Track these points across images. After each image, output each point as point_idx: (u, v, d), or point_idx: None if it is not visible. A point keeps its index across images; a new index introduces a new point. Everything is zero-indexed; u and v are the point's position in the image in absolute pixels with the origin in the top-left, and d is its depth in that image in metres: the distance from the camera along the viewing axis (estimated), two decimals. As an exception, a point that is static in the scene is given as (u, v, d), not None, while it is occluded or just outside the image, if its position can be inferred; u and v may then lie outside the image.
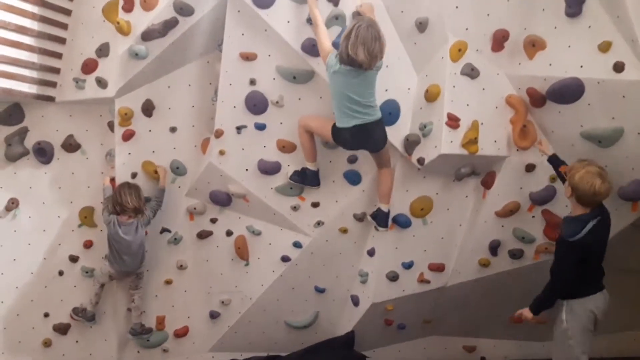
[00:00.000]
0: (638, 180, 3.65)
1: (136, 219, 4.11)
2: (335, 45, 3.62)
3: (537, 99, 3.77)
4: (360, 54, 3.38)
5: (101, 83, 4.09)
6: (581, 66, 3.55)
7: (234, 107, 4.03)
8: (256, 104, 4.02)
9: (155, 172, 4.25)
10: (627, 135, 3.53)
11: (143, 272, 4.34)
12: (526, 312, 3.49)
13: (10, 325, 4.36)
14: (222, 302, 4.47)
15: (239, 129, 4.07)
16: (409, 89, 3.98)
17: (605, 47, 3.48)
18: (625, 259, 3.93)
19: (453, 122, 3.78)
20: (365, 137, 3.69)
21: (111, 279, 4.30)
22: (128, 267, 4.19)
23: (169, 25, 3.89)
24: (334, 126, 3.74)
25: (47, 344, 4.43)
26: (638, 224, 3.83)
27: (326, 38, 3.62)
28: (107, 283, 4.32)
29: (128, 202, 4.04)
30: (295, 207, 4.23)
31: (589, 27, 3.55)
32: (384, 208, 4.03)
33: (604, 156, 3.52)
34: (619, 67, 3.42)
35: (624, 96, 3.44)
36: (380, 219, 4.04)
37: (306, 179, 4.05)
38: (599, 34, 3.50)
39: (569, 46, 3.61)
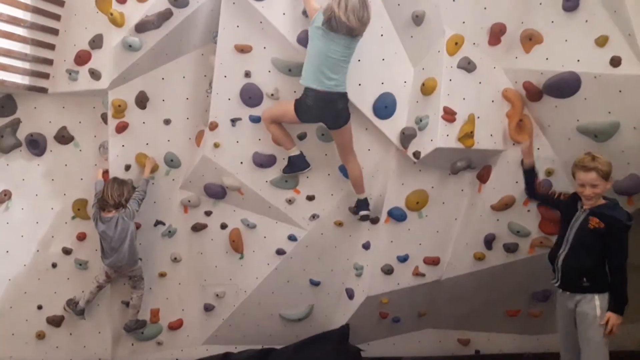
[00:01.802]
0: (634, 174, 3.66)
1: (117, 213, 4.08)
2: None
3: (533, 93, 3.76)
4: (352, 20, 3.46)
5: (94, 75, 4.06)
6: (578, 60, 3.55)
7: (229, 99, 4.01)
8: (251, 96, 4.00)
9: (151, 164, 4.24)
10: (623, 130, 3.53)
11: (140, 275, 4.31)
12: (614, 319, 3.16)
13: (3, 317, 4.34)
14: (217, 294, 4.46)
15: (233, 121, 4.05)
16: (405, 82, 3.96)
17: (602, 41, 3.48)
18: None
19: (449, 115, 3.77)
20: (328, 107, 3.69)
21: (109, 279, 4.27)
22: (116, 262, 4.16)
23: (163, 16, 3.87)
24: (298, 100, 3.73)
25: (40, 336, 4.42)
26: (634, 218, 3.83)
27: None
28: (104, 285, 4.29)
29: (108, 197, 4.04)
30: (290, 200, 4.22)
31: (586, 21, 3.55)
32: (361, 197, 4.05)
33: (600, 150, 3.51)
34: (615, 62, 3.43)
35: (620, 91, 3.45)
36: (360, 204, 4.07)
37: (294, 165, 4.03)
38: (596, 28, 3.50)
39: (566, 40, 3.61)
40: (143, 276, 4.33)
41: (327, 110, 3.72)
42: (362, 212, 4.07)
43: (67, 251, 4.38)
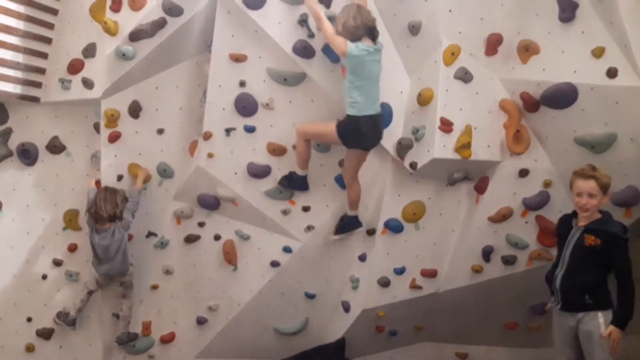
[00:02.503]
0: (631, 186, 3.64)
1: (113, 225, 4.05)
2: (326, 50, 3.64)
3: (530, 104, 3.75)
4: (371, 17, 3.59)
5: (87, 84, 4.04)
6: (575, 71, 3.54)
7: (223, 109, 3.99)
8: (246, 106, 3.98)
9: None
10: (620, 141, 3.52)
11: (130, 281, 4.26)
12: (615, 333, 3.05)
13: (-8, 329, 4.28)
14: (210, 307, 4.41)
15: (228, 131, 4.02)
16: (401, 92, 3.95)
17: (598, 52, 3.48)
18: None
19: (446, 126, 3.75)
20: (377, 129, 3.74)
21: (99, 286, 4.22)
22: (109, 271, 4.13)
23: (157, 25, 3.86)
24: (342, 123, 3.70)
25: (30, 349, 4.35)
26: (632, 231, 3.80)
27: (334, 30, 3.60)
28: (94, 291, 4.24)
29: (102, 210, 3.99)
30: (285, 211, 4.18)
31: (583, 32, 3.55)
32: (352, 214, 4.05)
33: (597, 162, 3.48)
34: (612, 73, 3.43)
35: (617, 102, 3.45)
36: (348, 223, 4.07)
37: (294, 183, 4.02)
38: (592, 40, 3.51)
39: (563, 51, 3.61)
40: (133, 283, 4.27)
41: (377, 132, 3.76)
42: (342, 234, 4.12)
43: (57, 262, 4.33)
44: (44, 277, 4.32)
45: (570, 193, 3.32)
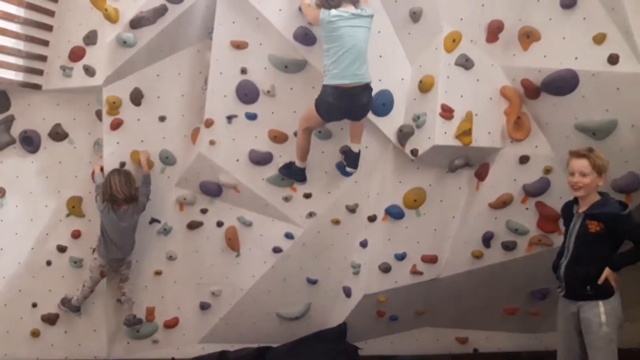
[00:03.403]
0: (632, 172, 3.65)
1: (130, 207, 4.07)
2: None
3: (531, 91, 3.75)
4: None
5: (89, 71, 4.03)
6: (576, 58, 3.54)
7: (225, 96, 3.99)
8: (247, 93, 3.97)
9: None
10: (621, 128, 3.52)
11: (131, 261, 4.29)
12: (607, 272, 3.14)
13: (-3, 315, 4.33)
14: (213, 293, 4.44)
15: (229, 118, 4.02)
16: (402, 79, 3.94)
17: (600, 39, 3.47)
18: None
19: (447, 113, 3.75)
20: (353, 103, 3.59)
21: (102, 275, 4.25)
22: (120, 254, 4.15)
23: (158, 12, 3.84)
24: (319, 98, 3.61)
25: (35, 334, 4.39)
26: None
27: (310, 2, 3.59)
28: (98, 282, 4.26)
29: (119, 192, 4.00)
30: (287, 198, 4.19)
31: (584, 18, 3.54)
32: (355, 148, 3.91)
33: (598, 148, 3.45)
34: (613, 59, 3.42)
35: (618, 88, 3.45)
36: (350, 158, 3.94)
37: (292, 173, 4.01)
38: (593, 26, 3.50)
39: (564, 38, 3.60)
40: (131, 265, 4.30)
41: (352, 107, 3.62)
42: (350, 170, 3.97)
43: (61, 249, 4.36)
44: (49, 263, 4.35)
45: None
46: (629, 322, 4.28)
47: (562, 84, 3.57)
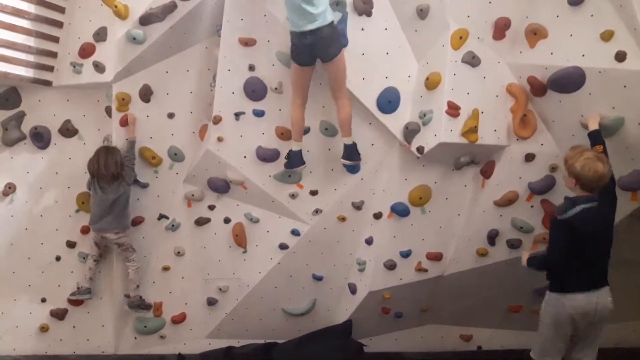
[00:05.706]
0: (638, 170, 3.64)
1: (116, 183, 4.09)
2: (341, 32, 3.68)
3: (538, 88, 3.75)
4: None
5: (98, 67, 4.06)
6: (583, 55, 3.53)
7: (233, 93, 4.01)
8: (255, 90, 4.00)
9: (154, 157, 4.24)
10: (628, 125, 3.51)
11: (128, 243, 4.26)
12: (523, 256, 3.50)
13: (7, 310, 4.37)
14: (220, 289, 4.47)
15: (237, 115, 4.05)
16: (409, 76, 3.95)
17: (607, 36, 3.46)
18: (624, 250, 3.91)
19: (453, 110, 3.75)
20: (313, 46, 3.60)
21: (99, 248, 4.26)
22: (106, 226, 4.14)
23: (167, 9, 3.87)
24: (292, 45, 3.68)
25: (44, 329, 4.44)
26: (637, 215, 3.82)
27: None
28: (99, 256, 4.29)
29: (102, 169, 4.04)
30: (293, 195, 4.21)
31: (592, 15, 3.53)
32: (347, 141, 3.91)
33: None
34: (620, 57, 3.41)
35: (625, 86, 3.43)
36: (349, 152, 3.94)
37: (291, 161, 4.00)
38: (601, 23, 3.49)
39: (571, 35, 3.59)
40: (134, 247, 4.29)
41: (313, 49, 3.63)
42: (353, 163, 3.99)
43: (71, 244, 4.39)
44: (58, 258, 4.39)
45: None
46: (633, 321, 4.30)
47: (569, 81, 3.57)
